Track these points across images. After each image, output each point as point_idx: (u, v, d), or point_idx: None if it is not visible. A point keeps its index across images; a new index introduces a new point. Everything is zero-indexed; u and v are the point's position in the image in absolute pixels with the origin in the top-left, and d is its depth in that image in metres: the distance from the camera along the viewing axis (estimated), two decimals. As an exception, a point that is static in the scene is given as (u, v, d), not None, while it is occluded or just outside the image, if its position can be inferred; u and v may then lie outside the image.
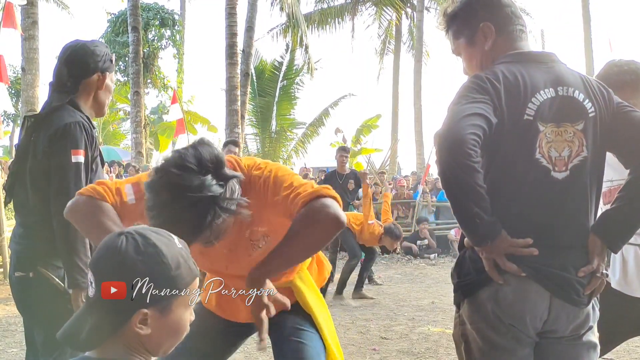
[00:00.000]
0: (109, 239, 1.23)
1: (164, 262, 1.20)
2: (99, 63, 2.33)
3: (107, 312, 1.18)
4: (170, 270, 1.21)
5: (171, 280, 1.21)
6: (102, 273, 1.20)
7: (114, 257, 1.19)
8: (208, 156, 1.67)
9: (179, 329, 1.26)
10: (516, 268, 1.72)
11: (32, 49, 11.06)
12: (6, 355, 4.66)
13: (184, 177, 1.61)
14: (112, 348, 1.22)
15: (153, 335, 1.21)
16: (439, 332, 5.43)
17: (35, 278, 2.22)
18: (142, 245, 1.20)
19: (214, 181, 1.65)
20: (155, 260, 1.20)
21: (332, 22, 23.68)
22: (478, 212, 1.67)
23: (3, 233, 7.75)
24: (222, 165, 1.70)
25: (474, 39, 1.94)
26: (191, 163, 1.64)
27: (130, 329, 1.20)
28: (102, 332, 1.20)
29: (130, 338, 1.21)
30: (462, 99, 1.74)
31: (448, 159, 1.66)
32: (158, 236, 1.24)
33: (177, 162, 1.64)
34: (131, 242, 1.20)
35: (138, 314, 1.19)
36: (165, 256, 1.21)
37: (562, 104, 1.79)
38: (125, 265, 1.18)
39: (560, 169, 1.77)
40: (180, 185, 1.60)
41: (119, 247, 1.20)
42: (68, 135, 2.20)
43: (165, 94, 21.81)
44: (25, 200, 2.30)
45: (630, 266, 2.47)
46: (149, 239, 1.21)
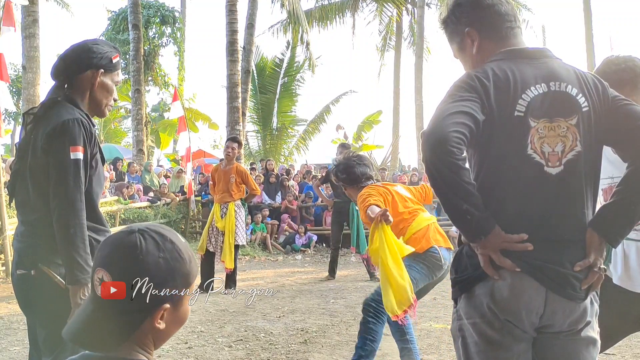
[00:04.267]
0: (122, 237, 1.23)
1: (181, 257, 1.24)
2: (93, 60, 2.32)
3: (129, 311, 1.19)
4: (186, 265, 1.25)
5: (186, 274, 1.25)
6: (120, 272, 1.19)
7: (134, 255, 1.20)
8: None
9: (185, 319, 1.30)
10: (511, 263, 1.73)
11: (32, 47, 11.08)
12: (9, 353, 4.67)
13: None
14: None
15: (166, 329, 1.24)
16: (441, 328, 5.44)
17: (37, 276, 2.22)
18: (161, 242, 1.23)
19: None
20: (174, 256, 1.23)
21: (332, 19, 23.66)
22: (468, 209, 1.69)
23: (6, 231, 7.76)
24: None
25: (463, 44, 1.97)
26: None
27: (144, 326, 1.22)
28: (124, 332, 1.21)
29: (142, 334, 1.23)
30: (449, 97, 1.76)
31: (432, 158, 1.68)
32: (170, 232, 1.27)
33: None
34: (150, 240, 1.22)
35: (160, 310, 1.21)
36: (182, 251, 1.25)
37: (555, 99, 1.80)
38: (147, 264, 1.20)
39: (554, 164, 1.78)
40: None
41: (139, 245, 1.20)
42: (66, 132, 2.20)
43: (166, 91, 21.82)
44: (26, 198, 2.30)
45: (632, 261, 2.47)
46: (165, 235, 1.24)
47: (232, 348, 4.84)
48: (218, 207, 7.65)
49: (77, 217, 2.17)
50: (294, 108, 24.08)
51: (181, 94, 19.62)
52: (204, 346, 4.90)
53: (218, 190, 7.69)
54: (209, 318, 5.94)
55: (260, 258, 11.47)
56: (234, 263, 7.55)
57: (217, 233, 7.60)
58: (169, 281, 1.21)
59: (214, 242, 7.61)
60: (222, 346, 4.90)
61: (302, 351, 4.75)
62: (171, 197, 13.01)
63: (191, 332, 5.29)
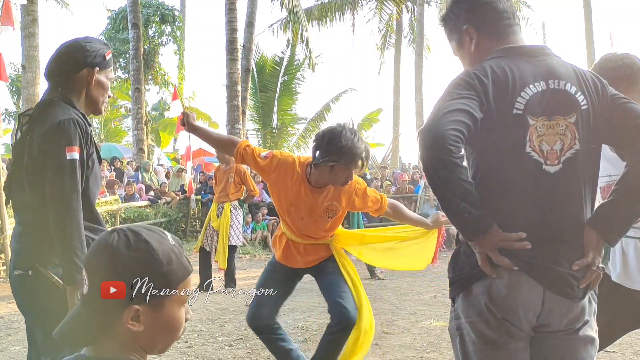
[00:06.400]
0: (102, 236, 1.24)
1: (155, 258, 1.20)
2: (88, 58, 2.31)
3: (98, 308, 1.19)
4: (162, 266, 1.20)
5: (163, 276, 1.20)
6: (94, 269, 1.20)
7: (106, 253, 1.20)
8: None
9: (173, 325, 1.25)
10: (508, 262, 1.73)
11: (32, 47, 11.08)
12: (9, 353, 4.68)
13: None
14: (108, 346, 1.22)
15: (146, 332, 1.21)
16: (441, 327, 5.43)
17: (34, 276, 2.22)
18: (133, 241, 1.20)
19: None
20: (146, 256, 1.19)
21: (332, 17, 23.66)
22: (465, 207, 1.68)
23: (6, 231, 7.76)
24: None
25: (461, 42, 1.97)
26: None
27: (122, 326, 1.20)
28: (93, 328, 1.21)
29: (124, 336, 1.21)
30: (447, 95, 1.75)
31: (429, 156, 1.68)
32: (150, 232, 1.24)
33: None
34: (122, 238, 1.20)
35: (129, 310, 1.19)
36: (156, 252, 1.20)
37: (554, 97, 1.79)
38: (116, 262, 1.18)
39: (552, 163, 1.77)
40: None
41: (111, 243, 1.20)
42: (62, 132, 2.19)
43: (166, 90, 21.82)
44: (23, 199, 2.30)
45: (630, 259, 2.46)
46: (140, 235, 1.22)
47: (233, 347, 4.84)
48: (215, 207, 7.65)
49: (74, 217, 2.16)
50: (294, 106, 24.08)
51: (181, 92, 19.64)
52: (204, 345, 4.90)
53: (217, 189, 7.70)
54: (209, 317, 5.94)
55: (261, 257, 11.47)
56: (230, 263, 7.54)
57: (212, 232, 7.59)
58: (138, 281, 1.18)
59: (209, 242, 7.61)
60: (223, 345, 4.91)
61: (302, 349, 4.73)
62: (171, 196, 13.01)
63: (191, 331, 5.29)
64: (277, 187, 3.35)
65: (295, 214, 3.38)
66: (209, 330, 5.42)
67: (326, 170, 3.17)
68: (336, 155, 3.10)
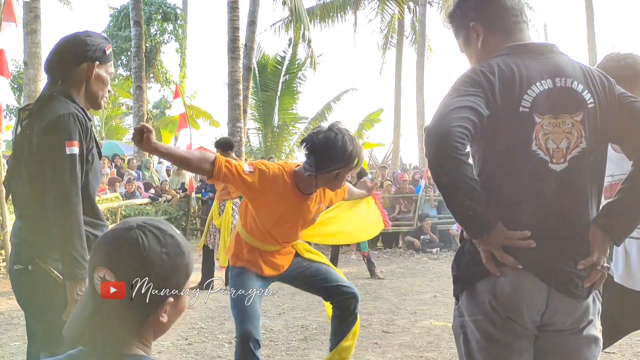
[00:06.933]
0: (121, 234, 1.20)
1: (182, 251, 1.23)
2: (88, 52, 2.30)
3: (134, 309, 1.18)
4: (186, 257, 1.25)
5: (187, 266, 1.25)
6: (127, 271, 1.17)
7: (137, 253, 1.18)
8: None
9: (184, 310, 1.29)
10: (513, 260, 1.72)
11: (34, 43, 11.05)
12: (9, 348, 4.68)
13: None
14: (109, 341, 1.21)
15: (167, 322, 1.24)
16: (441, 326, 5.43)
17: (34, 271, 2.21)
18: (162, 237, 1.21)
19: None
20: (176, 250, 1.22)
21: (334, 16, 23.64)
22: (470, 204, 1.67)
23: (6, 227, 7.76)
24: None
25: (468, 38, 1.96)
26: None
27: (150, 321, 1.21)
28: (128, 330, 1.20)
29: (144, 328, 1.22)
30: (454, 92, 1.75)
31: (435, 153, 1.67)
32: (167, 225, 1.26)
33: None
34: (151, 236, 1.20)
35: (164, 305, 1.21)
36: (181, 244, 1.24)
37: (560, 95, 1.78)
38: (152, 260, 1.18)
39: (558, 161, 1.76)
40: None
41: (141, 242, 1.18)
42: (61, 126, 2.18)
43: (167, 88, 21.84)
44: (22, 194, 2.29)
45: (633, 260, 2.46)
46: (164, 230, 1.23)
47: (232, 345, 4.82)
48: (217, 205, 7.64)
49: (74, 212, 2.15)
50: (295, 106, 24.10)
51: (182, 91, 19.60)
52: (204, 342, 4.90)
53: (219, 187, 7.69)
54: (209, 315, 5.94)
55: (261, 255, 11.45)
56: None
57: (215, 230, 7.58)
58: (172, 275, 1.21)
59: (212, 240, 7.60)
60: (222, 342, 4.90)
61: (302, 348, 4.75)
62: (172, 194, 13.00)
63: (191, 329, 5.29)
64: (265, 202, 3.08)
65: (282, 224, 3.19)
66: (209, 327, 5.41)
67: (331, 178, 3.08)
68: (342, 162, 3.02)
